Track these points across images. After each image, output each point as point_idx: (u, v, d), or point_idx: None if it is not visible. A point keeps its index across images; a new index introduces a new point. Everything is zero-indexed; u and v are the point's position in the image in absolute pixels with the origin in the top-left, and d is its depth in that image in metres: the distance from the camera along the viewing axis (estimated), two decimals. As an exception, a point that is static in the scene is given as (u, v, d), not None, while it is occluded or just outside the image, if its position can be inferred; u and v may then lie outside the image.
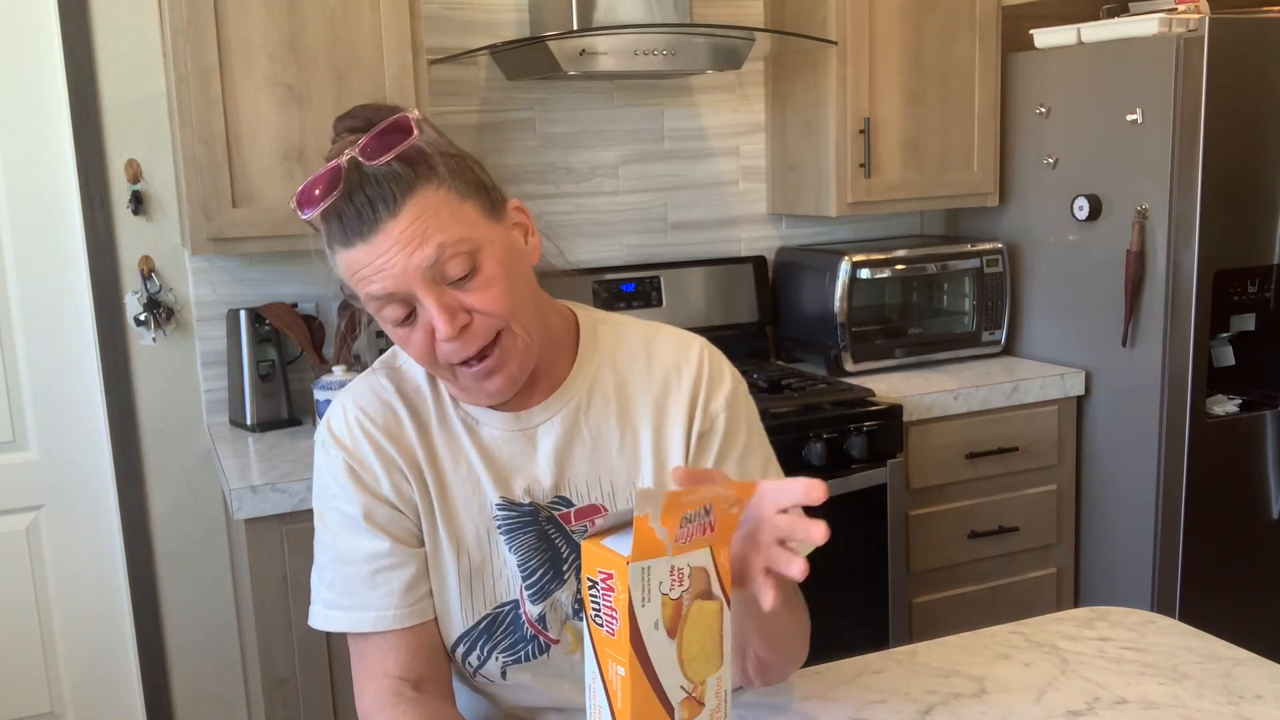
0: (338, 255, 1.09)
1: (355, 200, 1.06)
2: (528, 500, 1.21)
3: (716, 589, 0.94)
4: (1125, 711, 1.23)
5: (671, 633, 0.91)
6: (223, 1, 2.23)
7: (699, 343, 1.29)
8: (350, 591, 1.18)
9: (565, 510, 1.22)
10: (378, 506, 1.19)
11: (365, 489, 1.19)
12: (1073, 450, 2.91)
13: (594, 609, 0.92)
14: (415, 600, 1.19)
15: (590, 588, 0.91)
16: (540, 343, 1.18)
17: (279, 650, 2.17)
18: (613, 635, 0.90)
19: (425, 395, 1.23)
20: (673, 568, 0.91)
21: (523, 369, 1.16)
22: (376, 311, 1.10)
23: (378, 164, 1.06)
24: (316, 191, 1.08)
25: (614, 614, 0.90)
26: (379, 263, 1.06)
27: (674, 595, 0.91)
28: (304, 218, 1.09)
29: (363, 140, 1.08)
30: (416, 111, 1.11)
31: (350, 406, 1.21)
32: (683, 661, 0.93)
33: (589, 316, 1.29)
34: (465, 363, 1.12)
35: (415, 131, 1.08)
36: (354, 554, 1.18)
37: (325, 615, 1.20)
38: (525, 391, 1.22)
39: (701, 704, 0.94)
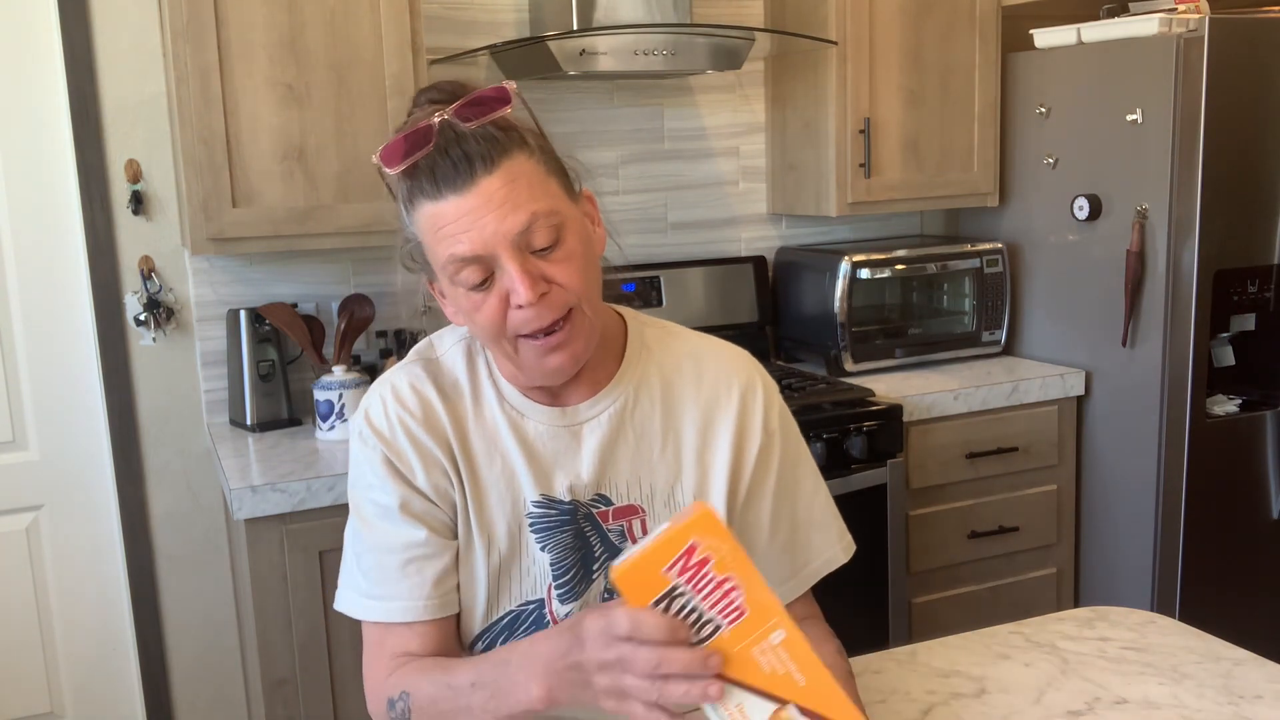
0: (421, 209, 1.10)
1: (451, 154, 1.07)
2: (568, 498, 1.21)
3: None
4: (1125, 711, 1.23)
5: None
6: (223, 1, 2.23)
7: (747, 355, 1.32)
8: (384, 581, 1.19)
9: (604, 509, 1.23)
10: (414, 498, 1.19)
11: (402, 481, 1.19)
12: (1073, 450, 2.91)
13: (706, 607, 0.85)
14: (445, 593, 1.19)
15: (674, 597, 0.85)
16: (600, 329, 1.19)
17: (279, 650, 2.17)
18: (742, 612, 0.85)
19: (463, 389, 1.23)
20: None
21: (586, 349, 1.17)
22: (454, 274, 1.10)
23: (472, 126, 1.08)
24: (404, 147, 1.08)
25: (724, 580, 0.85)
26: (468, 221, 1.07)
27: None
28: (388, 173, 1.10)
29: (457, 104, 1.10)
30: (515, 85, 1.12)
31: (389, 398, 1.22)
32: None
33: (635, 318, 1.30)
34: (533, 334, 1.12)
35: (512, 101, 1.10)
36: (390, 543, 1.19)
37: (362, 604, 1.20)
38: (572, 387, 1.23)
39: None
